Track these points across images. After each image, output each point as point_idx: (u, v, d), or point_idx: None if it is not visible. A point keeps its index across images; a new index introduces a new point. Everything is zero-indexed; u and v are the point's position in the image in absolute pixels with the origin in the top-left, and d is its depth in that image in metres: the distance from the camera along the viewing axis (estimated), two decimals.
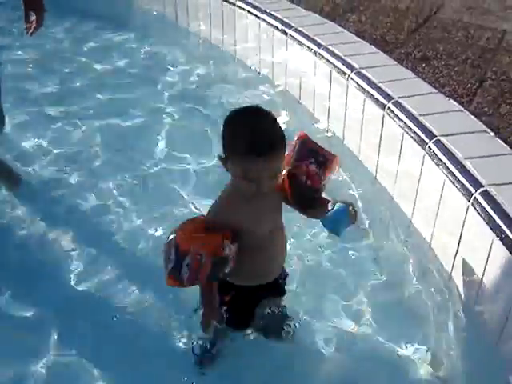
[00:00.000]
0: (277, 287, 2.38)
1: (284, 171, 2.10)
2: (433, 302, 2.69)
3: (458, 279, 2.61)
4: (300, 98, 4.21)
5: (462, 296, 2.57)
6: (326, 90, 3.79)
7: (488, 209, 2.33)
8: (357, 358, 2.51)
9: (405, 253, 2.99)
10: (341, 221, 1.99)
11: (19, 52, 5.34)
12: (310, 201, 2.17)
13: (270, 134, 1.93)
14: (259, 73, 4.73)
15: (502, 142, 2.79)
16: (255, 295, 2.32)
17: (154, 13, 5.86)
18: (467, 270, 2.52)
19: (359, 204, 3.21)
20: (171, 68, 5.10)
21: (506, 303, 2.22)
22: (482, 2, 5.27)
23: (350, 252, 3.00)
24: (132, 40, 5.67)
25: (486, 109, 3.40)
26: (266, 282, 2.28)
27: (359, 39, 4.07)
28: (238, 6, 4.76)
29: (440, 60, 4.02)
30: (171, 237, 1.98)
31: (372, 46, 3.92)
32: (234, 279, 2.23)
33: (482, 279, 2.39)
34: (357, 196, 3.33)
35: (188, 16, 5.49)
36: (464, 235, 2.51)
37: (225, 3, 4.89)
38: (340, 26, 4.42)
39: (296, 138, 2.20)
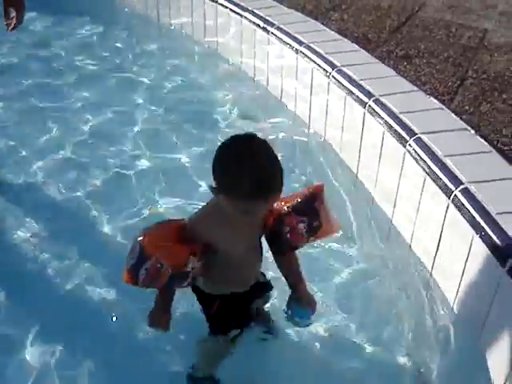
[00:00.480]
0: (261, 286, 2.33)
1: (276, 206, 2.02)
2: (414, 300, 2.69)
3: (439, 277, 2.61)
4: (281, 97, 4.19)
5: (443, 293, 2.57)
6: (307, 88, 3.78)
7: (468, 206, 2.33)
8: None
9: (384, 250, 2.99)
10: (303, 320, 2.23)
11: None
12: (279, 246, 2.14)
13: (273, 175, 1.77)
14: (240, 69, 4.72)
15: (482, 140, 2.79)
16: (243, 298, 2.25)
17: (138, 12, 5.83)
18: (447, 267, 2.52)
19: (343, 204, 3.22)
20: (152, 63, 5.11)
21: (485, 299, 2.22)
22: (463, 1, 5.29)
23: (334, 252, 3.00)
24: (114, 37, 5.63)
25: (466, 107, 3.41)
26: (243, 290, 2.22)
27: (341, 37, 4.06)
28: (220, 4, 4.74)
29: (422, 58, 4.03)
30: (141, 236, 1.91)
31: (354, 44, 3.91)
32: (210, 290, 2.18)
33: (462, 276, 2.39)
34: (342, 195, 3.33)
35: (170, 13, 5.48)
36: (444, 232, 2.51)
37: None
38: (322, 24, 4.42)
39: (311, 189, 2.08)
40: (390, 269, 2.88)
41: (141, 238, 1.90)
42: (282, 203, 2.03)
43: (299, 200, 2.05)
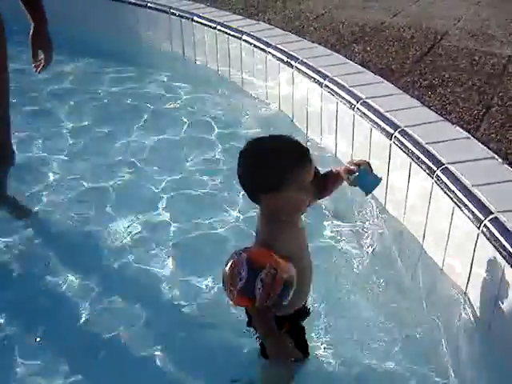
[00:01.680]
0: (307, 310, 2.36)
1: None
2: (443, 328, 2.67)
3: (472, 307, 2.59)
4: (307, 130, 4.23)
5: (475, 324, 2.55)
6: (332, 122, 3.81)
7: (498, 236, 2.32)
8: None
9: (415, 281, 2.98)
10: (368, 184, 2.24)
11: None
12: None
13: (301, 143, 2.02)
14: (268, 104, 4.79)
15: (510, 168, 2.79)
16: (301, 317, 2.31)
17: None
18: (480, 296, 2.51)
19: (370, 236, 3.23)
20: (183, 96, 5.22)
21: None
22: (485, 29, 5.31)
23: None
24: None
25: (493, 135, 3.40)
26: (302, 304, 2.25)
27: (364, 69, 4.10)
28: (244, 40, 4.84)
29: (446, 87, 4.04)
30: (236, 257, 1.92)
31: (377, 76, 3.95)
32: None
33: (494, 306, 2.38)
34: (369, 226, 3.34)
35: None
36: (475, 263, 2.50)
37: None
38: (345, 56, 4.47)
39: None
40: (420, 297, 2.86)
41: (241, 256, 1.92)
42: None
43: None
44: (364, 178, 2.20)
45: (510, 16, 5.79)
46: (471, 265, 2.53)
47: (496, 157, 2.88)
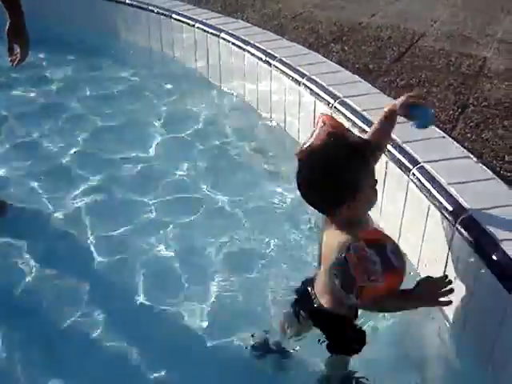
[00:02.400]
0: None
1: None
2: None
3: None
4: (285, 128, 4.24)
5: (449, 322, 2.59)
6: (310, 120, 3.83)
7: (473, 233, 2.35)
8: None
9: None
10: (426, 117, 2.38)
11: None
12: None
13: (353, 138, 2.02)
14: (246, 102, 4.79)
15: (484, 167, 2.82)
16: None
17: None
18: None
19: None
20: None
21: (493, 323, 2.23)
22: (462, 30, 5.37)
23: None
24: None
25: (468, 135, 3.44)
26: None
27: (342, 68, 4.12)
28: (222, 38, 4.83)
29: (422, 87, 4.08)
30: (352, 251, 1.87)
31: (355, 75, 3.97)
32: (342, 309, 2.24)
33: (468, 305, 2.41)
34: None
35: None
36: (449, 259, 2.53)
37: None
38: (323, 55, 4.49)
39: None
40: None
41: (355, 244, 1.89)
42: None
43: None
44: (424, 112, 2.36)
45: (486, 18, 5.87)
46: (446, 260, 2.55)
47: (471, 156, 2.91)
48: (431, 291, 2.04)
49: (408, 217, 2.89)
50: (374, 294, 1.92)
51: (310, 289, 2.35)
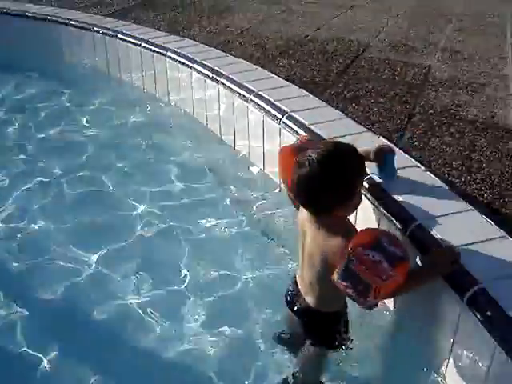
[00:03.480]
0: None
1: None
2: None
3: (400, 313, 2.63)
4: (235, 144, 4.22)
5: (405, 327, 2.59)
6: (259, 136, 3.82)
7: (422, 240, 2.36)
8: None
9: None
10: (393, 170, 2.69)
11: None
12: None
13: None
14: (195, 120, 4.75)
15: (432, 175, 2.84)
16: None
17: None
18: (408, 305, 2.54)
19: None
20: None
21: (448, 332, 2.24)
22: (405, 40, 5.46)
23: None
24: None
25: (416, 143, 3.49)
26: None
27: (289, 83, 4.13)
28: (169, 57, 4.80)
29: (369, 98, 4.12)
30: (355, 260, 1.93)
31: (302, 89, 3.98)
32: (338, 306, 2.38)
33: (423, 312, 2.41)
34: None
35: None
36: None
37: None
38: (270, 71, 4.49)
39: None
40: None
41: (357, 248, 1.96)
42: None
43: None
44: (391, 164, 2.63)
45: (429, 27, 5.99)
46: None
47: (418, 164, 2.94)
48: (442, 260, 2.20)
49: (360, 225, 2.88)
50: (393, 288, 2.00)
51: (295, 288, 2.41)
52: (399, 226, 2.50)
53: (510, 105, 4.11)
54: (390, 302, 2.70)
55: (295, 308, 2.42)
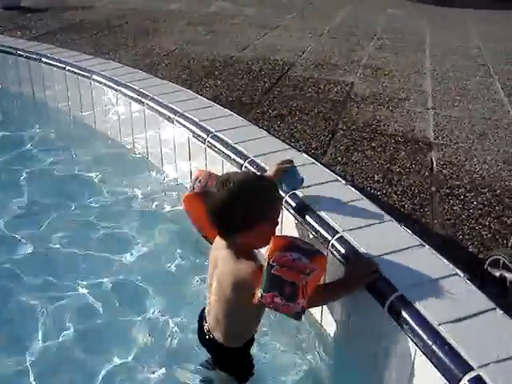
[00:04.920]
0: None
1: None
2: None
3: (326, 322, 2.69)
4: (162, 165, 4.22)
5: (332, 336, 2.64)
6: (186, 156, 3.84)
7: (343, 252, 2.42)
8: None
9: None
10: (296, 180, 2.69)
11: None
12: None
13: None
14: (121, 143, 4.71)
15: (352, 188, 2.92)
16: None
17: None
18: (335, 314, 2.59)
19: None
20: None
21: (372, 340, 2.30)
22: (328, 59, 5.61)
23: None
24: None
25: (339, 158, 3.58)
26: None
27: (213, 103, 4.17)
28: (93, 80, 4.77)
29: (294, 116, 4.21)
30: (275, 265, 1.99)
31: (226, 109, 4.02)
32: (246, 338, 2.41)
33: (348, 323, 2.47)
34: None
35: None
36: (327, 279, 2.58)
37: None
38: (197, 92, 4.52)
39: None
40: None
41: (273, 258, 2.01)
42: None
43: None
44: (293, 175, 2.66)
45: (351, 45, 6.16)
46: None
47: (340, 179, 3.01)
48: (363, 270, 2.30)
49: None
50: (315, 284, 2.06)
51: (204, 323, 2.41)
52: (321, 239, 2.56)
53: (428, 118, 4.27)
54: (317, 313, 2.75)
55: (205, 342, 2.44)
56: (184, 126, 3.79)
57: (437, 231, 2.88)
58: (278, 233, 2.86)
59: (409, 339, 2.05)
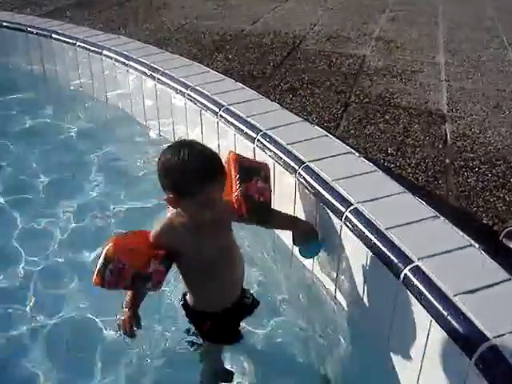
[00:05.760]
0: (247, 305, 2.51)
1: (236, 194, 2.34)
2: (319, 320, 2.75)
3: (341, 296, 2.69)
4: (174, 139, 4.20)
5: (346, 309, 2.66)
6: (198, 130, 3.82)
7: (359, 225, 2.41)
8: None
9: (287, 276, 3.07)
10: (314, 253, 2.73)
11: None
12: (266, 215, 2.46)
13: (216, 157, 2.06)
14: (133, 117, 4.70)
15: (366, 160, 2.90)
16: (231, 318, 2.44)
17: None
18: (349, 287, 2.59)
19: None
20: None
21: (386, 313, 2.30)
22: (341, 31, 5.54)
23: None
24: None
25: (352, 131, 3.55)
26: (230, 303, 2.38)
27: (225, 77, 4.14)
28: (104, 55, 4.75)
29: (306, 89, 4.17)
30: (107, 241, 2.10)
31: (238, 83, 3.99)
32: (198, 306, 2.36)
33: (363, 295, 2.47)
34: None
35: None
36: (340, 251, 2.58)
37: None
38: (207, 65, 4.49)
39: (229, 160, 2.44)
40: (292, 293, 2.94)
41: (106, 243, 2.09)
42: (232, 189, 2.34)
43: (237, 172, 2.36)
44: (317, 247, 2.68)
45: (363, 18, 6.09)
46: (339, 255, 2.61)
47: (353, 151, 2.99)
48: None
49: (299, 215, 2.93)
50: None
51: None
52: (335, 211, 2.55)
53: (441, 91, 4.22)
54: (331, 286, 2.75)
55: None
56: (196, 99, 3.77)
57: (451, 203, 2.85)
58: (292, 203, 2.90)
59: (424, 310, 2.05)
